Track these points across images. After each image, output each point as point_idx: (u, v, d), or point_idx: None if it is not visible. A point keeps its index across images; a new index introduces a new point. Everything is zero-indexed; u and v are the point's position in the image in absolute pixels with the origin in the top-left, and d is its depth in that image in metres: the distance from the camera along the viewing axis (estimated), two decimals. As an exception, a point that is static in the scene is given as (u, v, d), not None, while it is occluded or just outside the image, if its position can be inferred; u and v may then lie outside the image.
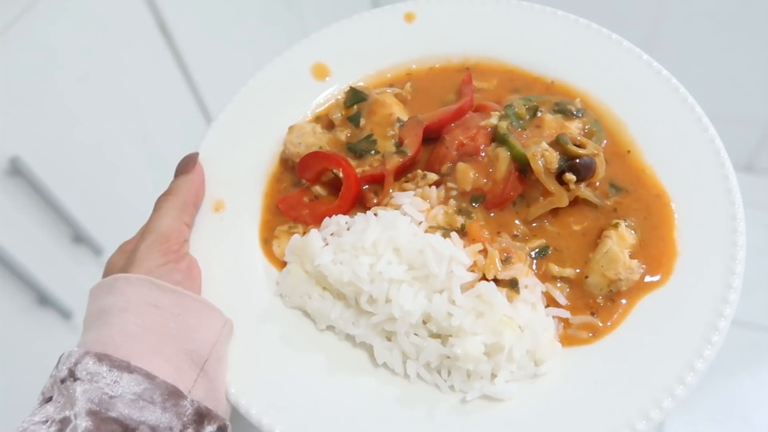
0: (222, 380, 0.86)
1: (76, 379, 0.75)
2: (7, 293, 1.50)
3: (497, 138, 0.95)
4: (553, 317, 0.87)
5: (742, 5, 2.46)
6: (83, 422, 0.73)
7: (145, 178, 0.94)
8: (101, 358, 0.77)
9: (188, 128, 1.85)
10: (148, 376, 0.77)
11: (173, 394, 0.78)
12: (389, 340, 0.88)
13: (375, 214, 0.91)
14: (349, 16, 1.15)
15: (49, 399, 0.78)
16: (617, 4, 2.66)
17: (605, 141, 0.99)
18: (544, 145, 0.91)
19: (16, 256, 1.48)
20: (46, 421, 0.73)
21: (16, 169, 1.46)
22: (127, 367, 0.77)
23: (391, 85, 1.09)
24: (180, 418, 0.78)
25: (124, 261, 0.90)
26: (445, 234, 0.89)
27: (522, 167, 0.92)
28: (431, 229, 0.90)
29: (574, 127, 0.97)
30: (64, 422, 0.73)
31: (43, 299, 1.57)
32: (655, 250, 0.89)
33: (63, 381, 0.76)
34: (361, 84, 1.10)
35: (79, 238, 1.65)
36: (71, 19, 1.58)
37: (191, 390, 0.81)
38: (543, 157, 0.90)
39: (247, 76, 1.12)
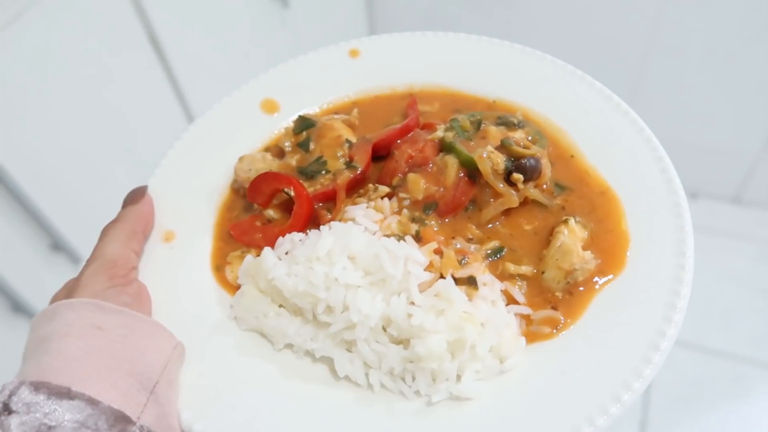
0: (174, 405, 0.81)
1: (11, 413, 0.69)
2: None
3: (444, 147, 0.96)
4: (515, 314, 0.86)
5: (733, 40, 2.51)
6: None
7: (128, 189, 0.95)
8: (38, 386, 0.70)
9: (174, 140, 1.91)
10: (92, 402, 0.71)
11: (120, 420, 0.72)
12: (349, 351, 0.85)
13: (329, 228, 0.90)
14: (295, 57, 1.19)
15: None
16: (606, 42, 2.59)
17: (548, 149, 1.02)
18: (490, 148, 0.93)
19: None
20: None
21: (-4, 176, 1.45)
22: (67, 393, 0.71)
23: (337, 113, 1.12)
24: None
25: (67, 291, 0.86)
26: (400, 239, 0.88)
27: (471, 172, 0.94)
28: (385, 237, 0.89)
29: (517, 137, 1.00)
30: None
31: (17, 306, 1.53)
32: (606, 243, 0.91)
33: None
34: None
35: (57, 246, 1.64)
36: (59, 28, 1.60)
37: (140, 416, 0.75)
38: (489, 158, 0.92)
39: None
